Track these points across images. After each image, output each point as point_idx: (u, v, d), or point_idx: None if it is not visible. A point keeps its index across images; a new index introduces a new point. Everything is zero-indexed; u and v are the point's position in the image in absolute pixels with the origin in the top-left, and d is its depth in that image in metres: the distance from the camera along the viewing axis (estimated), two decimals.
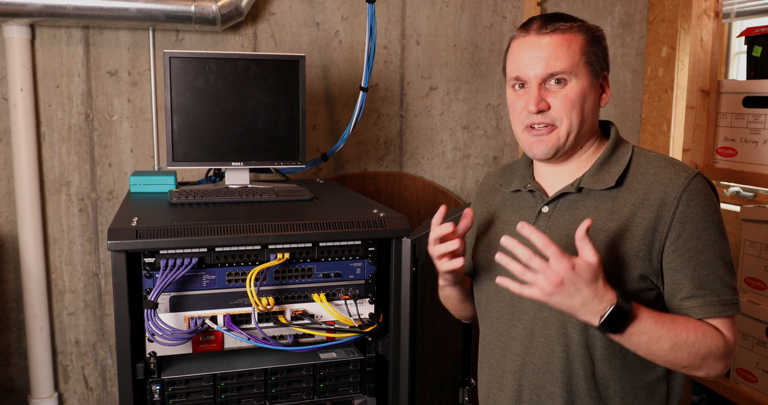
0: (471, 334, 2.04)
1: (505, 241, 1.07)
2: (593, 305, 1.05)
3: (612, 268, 1.13)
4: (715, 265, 1.13)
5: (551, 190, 1.25)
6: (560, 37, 1.18)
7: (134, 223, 1.42)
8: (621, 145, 1.24)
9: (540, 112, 1.18)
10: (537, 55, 1.18)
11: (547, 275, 1.03)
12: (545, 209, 1.23)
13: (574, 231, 1.12)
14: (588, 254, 1.04)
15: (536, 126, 1.20)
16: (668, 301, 1.15)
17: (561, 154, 1.22)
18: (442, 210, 1.24)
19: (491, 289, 1.30)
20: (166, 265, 1.41)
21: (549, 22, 1.20)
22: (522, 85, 1.21)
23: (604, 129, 1.29)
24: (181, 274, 1.42)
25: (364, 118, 2.53)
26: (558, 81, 1.18)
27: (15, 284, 2.31)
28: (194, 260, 1.43)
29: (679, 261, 1.13)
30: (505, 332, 1.26)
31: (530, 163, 1.33)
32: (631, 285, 1.13)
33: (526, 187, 1.27)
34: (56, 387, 2.38)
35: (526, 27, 1.22)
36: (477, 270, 1.35)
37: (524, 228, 1.06)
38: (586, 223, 1.04)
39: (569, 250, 1.14)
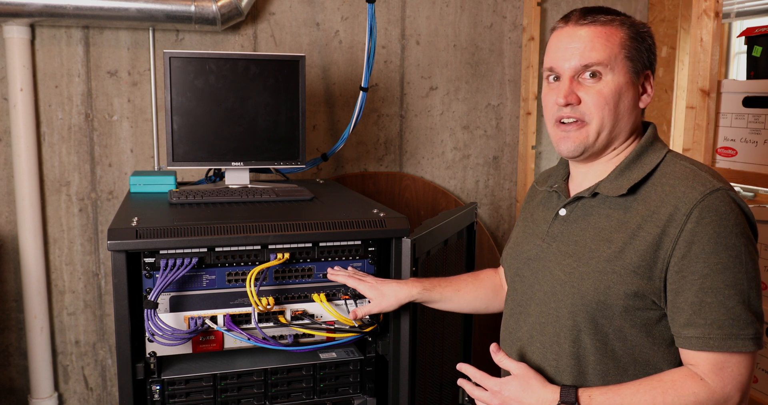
0: (471, 333, 2.04)
1: (460, 367, 1.22)
2: None
3: (607, 281, 1.08)
4: (724, 294, 1.02)
5: (576, 191, 1.20)
6: (599, 29, 1.12)
7: (134, 223, 1.41)
8: (651, 150, 1.15)
9: (569, 105, 1.13)
10: (573, 46, 1.12)
11: (490, 400, 1.16)
12: (562, 212, 1.19)
13: (584, 239, 1.14)
14: (512, 369, 1.15)
15: (565, 120, 1.15)
16: (671, 326, 1.08)
17: (590, 154, 1.16)
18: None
19: (510, 286, 1.31)
20: (166, 265, 1.40)
21: (589, 13, 1.14)
22: (556, 78, 1.16)
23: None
24: (181, 274, 1.42)
25: (364, 118, 2.53)
26: (593, 74, 1.11)
27: (15, 284, 2.31)
28: (194, 260, 1.43)
29: (681, 283, 1.04)
30: (513, 331, 1.26)
31: (568, 162, 1.28)
32: (626, 301, 1.07)
33: (552, 187, 1.25)
34: (56, 387, 2.38)
35: (566, 18, 1.16)
36: (503, 264, 1.37)
37: (465, 367, 1.21)
38: (494, 348, 1.19)
39: (576, 256, 1.14)
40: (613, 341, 1.10)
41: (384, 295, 1.44)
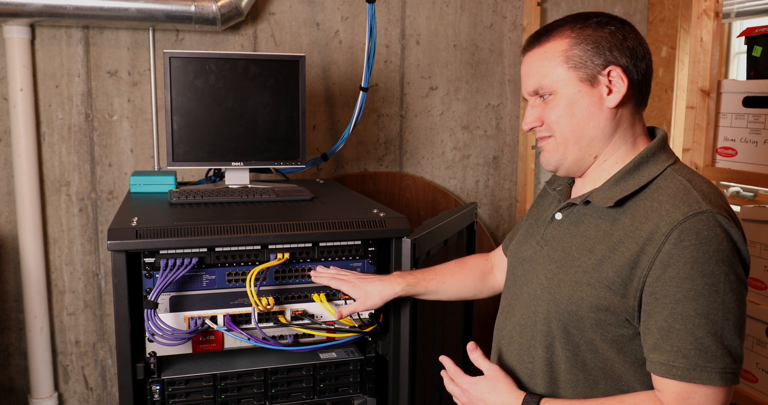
0: (471, 334, 2.04)
1: (441, 359, 1.26)
2: None
3: (581, 293, 1.07)
4: (693, 322, 0.97)
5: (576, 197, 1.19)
6: (538, 51, 1.13)
7: (134, 223, 1.41)
8: (652, 162, 1.10)
9: (532, 128, 1.17)
10: (523, 73, 1.17)
11: (460, 397, 1.20)
12: (558, 216, 1.19)
13: (571, 246, 1.13)
14: (484, 369, 1.17)
15: (539, 135, 1.18)
16: (643, 347, 1.05)
17: (570, 169, 1.16)
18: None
19: (505, 283, 1.31)
20: (166, 265, 1.40)
21: (535, 35, 1.15)
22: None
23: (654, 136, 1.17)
24: (181, 274, 1.42)
25: (364, 118, 2.53)
26: (543, 96, 1.13)
27: (15, 284, 2.31)
28: (194, 260, 1.43)
29: (653, 305, 1.00)
30: (500, 329, 1.27)
31: None
32: (597, 315, 1.06)
33: (556, 190, 1.25)
34: (56, 387, 2.38)
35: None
36: (507, 256, 1.36)
37: (444, 360, 1.25)
38: (471, 347, 1.19)
39: (560, 262, 1.13)
40: (585, 353, 1.09)
41: (368, 294, 1.44)
